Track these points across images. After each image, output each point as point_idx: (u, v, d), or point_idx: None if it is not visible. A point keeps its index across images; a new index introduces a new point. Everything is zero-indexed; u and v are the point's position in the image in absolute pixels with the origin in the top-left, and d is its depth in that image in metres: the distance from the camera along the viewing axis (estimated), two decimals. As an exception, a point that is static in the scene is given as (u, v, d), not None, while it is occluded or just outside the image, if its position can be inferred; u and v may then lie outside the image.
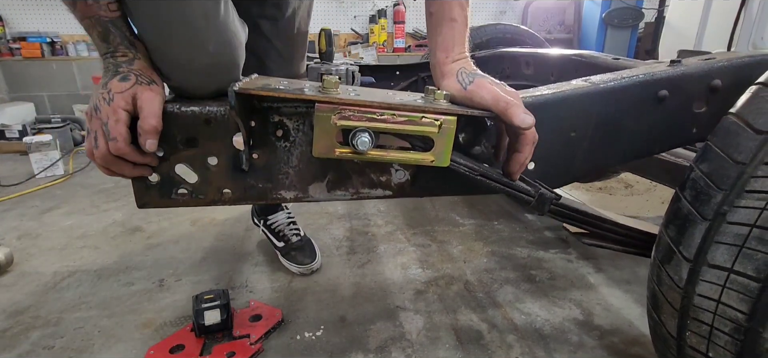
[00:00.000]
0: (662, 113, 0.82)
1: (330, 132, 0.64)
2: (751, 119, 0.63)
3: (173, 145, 0.72)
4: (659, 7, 4.33)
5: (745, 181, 0.61)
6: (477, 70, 0.77)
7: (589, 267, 1.65)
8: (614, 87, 0.79)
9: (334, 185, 0.79)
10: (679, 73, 0.80)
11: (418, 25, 4.73)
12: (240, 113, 0.65)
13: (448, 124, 0.66)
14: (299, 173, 0.77)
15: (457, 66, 0.77)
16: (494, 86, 0.71)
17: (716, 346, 0.65)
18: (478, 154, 0.79)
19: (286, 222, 1.66)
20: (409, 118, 0.65)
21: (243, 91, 0.61)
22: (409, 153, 0.68)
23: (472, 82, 0.73)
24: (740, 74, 0.80)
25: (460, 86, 0.73)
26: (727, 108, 0.81)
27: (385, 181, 0.80)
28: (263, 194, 0.77)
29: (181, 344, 1.21)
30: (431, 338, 1.27)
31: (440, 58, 0.79)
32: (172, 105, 0.70)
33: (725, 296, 0.62)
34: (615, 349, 1.23)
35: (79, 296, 1.47)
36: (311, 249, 1.63)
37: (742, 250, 0.60)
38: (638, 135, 0.83)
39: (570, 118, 0.80)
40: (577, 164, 0.83)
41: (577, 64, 1.36)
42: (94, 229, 1.98)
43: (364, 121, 0.64)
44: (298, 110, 0.73)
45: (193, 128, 0.71)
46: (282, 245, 1.62)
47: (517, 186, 0.75)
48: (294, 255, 1.59)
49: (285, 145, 0.75)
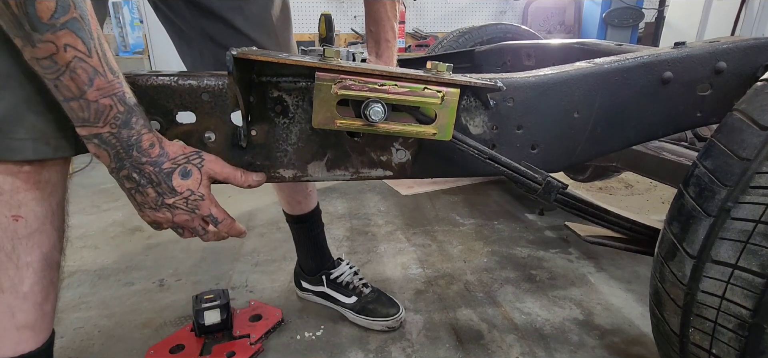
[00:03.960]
0: (666, 96, 0.80)
1: (330, 102, 0.62)
2: (756, 116, 0.63)
3: (170, 119, 0.70)
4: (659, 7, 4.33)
5: (749, 177, 0.60)
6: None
7: (589, 266, 1.64)
8: (618, 67, 0.78)
9: (333, 163, 0.77)
10: (684, 55, 0.79)
11: (418, 25, 4.73)
12: (238, 82, 0.63)
13: (450, 96, 0.64)
14: (298, 151, 0.75)
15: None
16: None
17: (720, 342, 0.65)
18: (480, 136, 0.77)
19: (352, 272, 1.40)
20: (411, 89, 0.63)
21: (241, 56, 0.58)
22: (411, 125, 0.67)
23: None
24: (745, 57, 0.79)
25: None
26: (731, 92, 0.79)
27: (385, 161, 0.79)
28: (261, 172, 0.76)
29: (181, 344, 1.21)
30: (431, 338, 1.27)
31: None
32: (168, 78, 0.68)
33: (729, 293, 0.62)
34: (616, 348, 1.23)
35: (79, 295, 1.46)
36: (388, 297, 1.38)
37: (746, 246, 0.60)
38: (642, 117, 0.82)
39: (573, 99, 0.78)
40: (580, 147, 0.82)
41: (579, 53, 1.34)
42: (94, 229, 1.97)
43: (366, 90, 0.62)
44: (298, 86, 0.71)
45: (190, 103, 0.69)
46: (354, 301, 1.35)
47: (525, 172, 0.74)
48: (373, 309, 1.32)
49: (284, 121, 0.73)
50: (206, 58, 1.00)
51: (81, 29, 0.52)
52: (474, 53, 1.74)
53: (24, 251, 0.65)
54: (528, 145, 0.80)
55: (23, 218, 0.63)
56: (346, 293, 1.36)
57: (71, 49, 0.52)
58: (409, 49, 4.70)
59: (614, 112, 0.80)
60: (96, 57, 0.55)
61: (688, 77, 0.80)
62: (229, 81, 0.64)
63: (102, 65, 0.55)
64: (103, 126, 0.57)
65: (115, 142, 0.59)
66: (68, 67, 0.53)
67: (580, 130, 0.80)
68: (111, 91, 0.57)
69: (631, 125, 0.82)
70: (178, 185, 0.64)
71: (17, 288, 0.65)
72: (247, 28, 0.98)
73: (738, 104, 0.68)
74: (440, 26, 4.73)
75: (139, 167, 0.61)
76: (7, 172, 0.61)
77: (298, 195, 1.30)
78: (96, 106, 0.56)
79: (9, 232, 0.63)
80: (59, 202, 0.68)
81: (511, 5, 4.89)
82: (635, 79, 0.79)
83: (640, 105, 0.81)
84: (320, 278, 1.39)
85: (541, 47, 1.55)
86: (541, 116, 0.78)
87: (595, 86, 0.78)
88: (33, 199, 0.64)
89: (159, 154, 0.63)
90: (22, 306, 0.66)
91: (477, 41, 2.14)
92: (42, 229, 0.66)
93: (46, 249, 0.67)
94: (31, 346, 0.69)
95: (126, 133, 0.59)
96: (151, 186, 0.63)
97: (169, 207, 0.65)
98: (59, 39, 0.51)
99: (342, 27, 4.63)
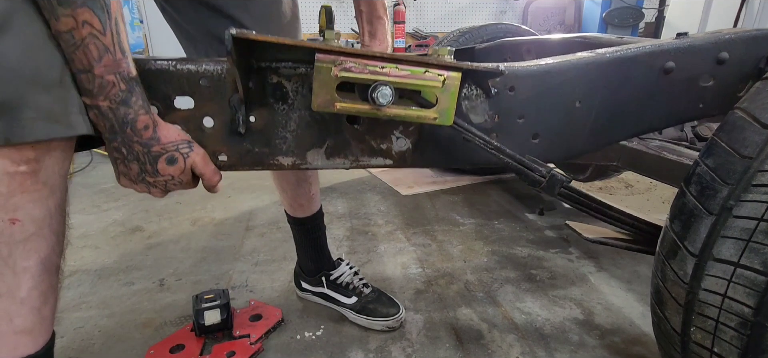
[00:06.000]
0: (669, 86, 0.80)
1: (330, 84, 0.62)
2: (758, 114, 0.63)
3: (168, 105, 0.69)
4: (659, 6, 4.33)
5: (751, 175, 0.60)
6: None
7: (590, 266, 1.64)
8: (621, 56, 0.77)
9: (333, 151, 0.76)
10: (687, 45, 0.78)
11: (418, 25, 4.73)
12: (237, 64, 0.62)
13: (451, 80, 0.64)
14: (297, 138, 0.75)
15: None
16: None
17: (722, 341, 0.64)
18: (480, 125, 0.77)
19: (352, 273, 1.40)
20: (412, 72, 0.63)
21: (241, 36, 0.58)
22: (411, 109, 0.66)
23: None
24: (748, 48, 0.79)
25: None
26: (733, 84, 0.79)
27: (385, 149, 0.78)
28: (260, 159, 0.75)
29: (181, 344, 1.21)
30: (431, 338, 1.26)
31: (373, 46, 0.96)
32: (167, 63, 0.68)
33: (731, 291, 0.62)
34: (616, 348, 1.22)
35: (80, 295, 1.46)
36: (388, 297, 1.37)
37: (748, 244, 0.59)
38: (644, 108, 0.81)
39: (575, 89, 0.77)
40: (582, 137, 0.81)
41: (580, 47, 1.33)
42: (94, 229, 1.97)
43: (366, 73, 0.62)
44: (298, 72, 0.71)
45: (188, 88, 0.69)
46: (354, 301, 1.35)
47: (529, 165, 0.73)
48: (373, 309, 1.32)
49: (283, 107, 0.73)
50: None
51: (99, 8, 0.56)
52: (474, 51, 1.74)
53: (21, 255, 0.64)
54: (529, 135, 0.79)
55: (20, 221, 0.62)
56: (346, 293, 1.36)
57: (88, 26, 0.56)
58: (409, 49, 4.70)
59: (616, 103, 0.80)
60: (110, 35, 0.58)
61: (691, 67, 0.79)
62: (228, 62, 0.64)
63: (113, 44, 0.59)
64: (103, 100, 0.61)
65: (112, 117, 0.62)
66: (83, 42, 0.57)
67: (582, 120, 0.80)
68: (116, 69, 0.60)
69: (632, 116, 0.82)
70: (162, 169, 0.67)
71: (14, 293, 0.65)
72: (254, 27, 0.98)
73: (740, 103, 0.68)
74: (440, 26, 4.74)
75: (129, 144, 0.64)
76: (4, 174, 0.60)
77: (301, 198, 1.29)
78: (100, 81, 0.59)
79: (5, 236, 0.62)
80: (58, 204, 0.67)
81: (511, 5, 4.89)
82: (637, 69, 0.78)
83: (642, 95, 0.80)
84: (320, 280, 1.39)
85: (541, 42, 1.54)
86: (542, 106, 0.77)
87: (597, 76, 0.78)
88: (30, 201, 0.63)
89: (150, 138, 0.65)
90: (19, 311, 0.66)
91: (477, 41, 2.14)
92: (39, 233, 0.65)
93: (44, 254, 0.67)
94: (30, 349, 0.68)
95: (123, 110, 0.62)
96: (137, 163, 0.66)
97: (148, 184, 0.69)
98: (78, 15, 0.56)
99: (342, 27, 4.63)
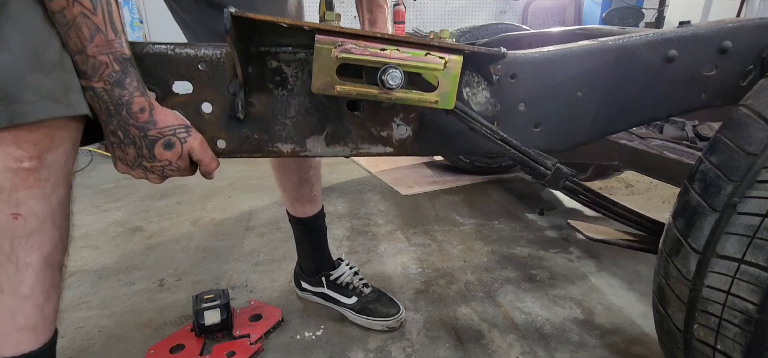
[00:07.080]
0: (671, 75, 0.79)
1: (330, 66, 0.61)
2: (763, 110, 0.63)
3: (166, 89, 0.69)
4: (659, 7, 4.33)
5: (756, 171, 0.60)
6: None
7: (590, 266, 1.64)
8: (623, 45, 0.76)
9: (332, 138, 0.75)
10: (690, 34, 0.78)
11: (418, 24, 4.73)
12: (236, 45, 0.61)
13: (453, 63, 0.63)
14: (297, 125, 0.74)
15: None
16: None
17: (725, 338, 0.64)
18: (481, 113, 0.76)
19: (352, 273, 1.40)
20: (413, 54, 0.62)
21: (239, 15, 0.57)
22: (412, 92, 0.65)
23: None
24: (751, 37, 0.78)
25: None
26: (735, 74, 0.78)
27: (386, 136, 0.77)
28: (259, 146, 0.74)
29: (181, 344, 1.20)
30: (431, 338, 1.26)
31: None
32: (165, 47, 0.67)
33: (735, 288, 0.61)
34: (616, 348, 1.22)
35: (80, 295, 1.45)
36: (388, 297, 1.37)
37: (753, 240, 0.59)
38: (646, 97, 0.80)
39: (577, 78, 0.77)
40: (583, 127, 0.80)
41: (581, 38, 1.34)
42: (94, 229, 1.97)
43: (367, 54, 0.61)
44: (297, 57, 0.70)
45: (186, 73, 0.68)
46: (354, 301, 1.34)
47: (534, 157, 0.72)
48: (373, 309, 1.31)
49: (283, 93, 0.72)
50: None
51: None
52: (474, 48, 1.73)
53: (23, 251, 0.64)
54: (531, 123, 0.78)
55: (22, 216, 0.62)
56: (346, 293, 1.36)
57: (78, 5, 0.57)
58: (409, 49, 4.69)
59: (618, 91, 0.79)
60: (100, 15, 0.58)
61: (693, 56, 0.78)
62: (227, 41, 0.63)
63: (105, 24, 0.59)
64: (97, 81, 0.61)
65: (107, 99, 0.62)
66: (74, 22, 0.57)
67: (584, 108, 0.79)
68: (109, 49, 0.60)
69: (634, 105, 0.81)
70: (159, 154, 0.66)
71: (17, 290, 0.64)
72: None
73: (744, 99, 0.67)
74: (440, 26, 4.72)
75: (125, 127, 0.64)
76: (6, 169, 0.60)
77: (303, 198, 1.29)
78: (93, 62, 0.60)
79: (8, 231, 0.62)
80: (61, 200, 0.67)
81: (511, 5, 4.89)
82: (640, 57, 0.77)
83: (644, 84, 0.79)
84: (320, 280, 1.38)
85: (541, 36, 1.54)
86: (544, 94, 0.77)
87: (600, 64, 0.77)
88: (33, 197, 0.62)
89: (147, 121, 0.64)
90: (22, 308, 0.65)
91: (478, 40, 2.14)
92: (42, 228, 0.65)
93: (47, 250, 0.66)
94: (33, 346, 0.68)
95: (118, 92, 0.62)
96: (133, 147, 0.66)
97: (145, 169, 0.68)
98: None
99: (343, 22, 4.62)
